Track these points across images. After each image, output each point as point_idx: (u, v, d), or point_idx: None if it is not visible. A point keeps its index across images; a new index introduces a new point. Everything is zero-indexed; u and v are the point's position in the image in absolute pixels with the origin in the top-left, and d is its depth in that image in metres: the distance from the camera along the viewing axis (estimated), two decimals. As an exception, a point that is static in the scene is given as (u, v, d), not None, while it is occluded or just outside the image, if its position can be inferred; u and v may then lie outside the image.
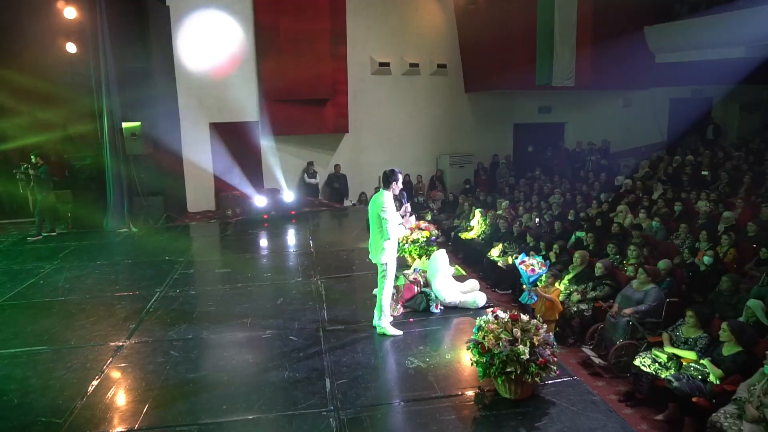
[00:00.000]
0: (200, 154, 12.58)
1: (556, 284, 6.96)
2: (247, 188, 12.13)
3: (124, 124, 10.56)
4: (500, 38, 13.84)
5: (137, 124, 10.56)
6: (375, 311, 5.46)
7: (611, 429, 3.72)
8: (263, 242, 9.91)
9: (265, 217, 11.37)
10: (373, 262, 5.36)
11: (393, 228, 5.12)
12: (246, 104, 12.88)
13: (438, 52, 14.56)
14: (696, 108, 16.49)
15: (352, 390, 4.33)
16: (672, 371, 5.21)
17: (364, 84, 13.88)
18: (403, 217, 5.43)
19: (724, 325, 5.10)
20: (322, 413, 4.02)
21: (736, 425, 4.31)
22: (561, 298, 6.96)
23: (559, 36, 13.30)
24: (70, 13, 10.43)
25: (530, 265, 6.58)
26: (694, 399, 4.85)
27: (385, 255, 5.17)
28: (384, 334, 5.33)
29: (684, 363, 5.26)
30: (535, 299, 6.59)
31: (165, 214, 11.23)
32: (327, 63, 12.89)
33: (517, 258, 6.96)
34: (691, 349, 5.34)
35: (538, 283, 6.78)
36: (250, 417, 4.00)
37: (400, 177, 5.21)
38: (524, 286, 6.80)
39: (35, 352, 5.22)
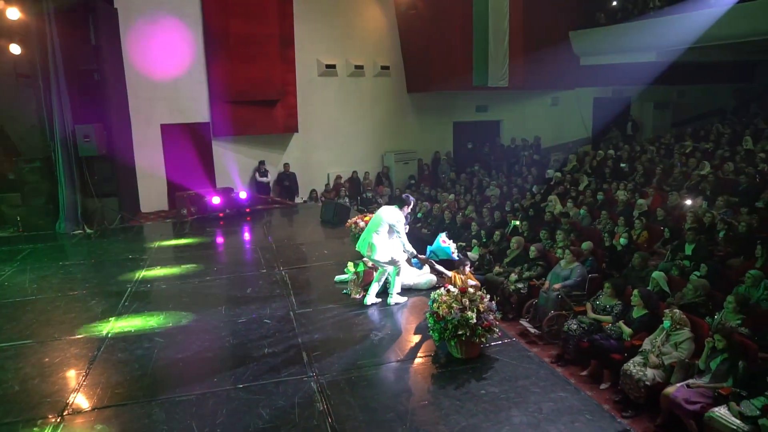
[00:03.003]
0: (152, 154, 12.72)
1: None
2: (200, 187, 12.41)
3: (76, 126, 10.66)
4: (440, 42, 14.79)
5: (90, 126, 10.68)
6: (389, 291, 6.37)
7: (543, 375, 4.59)
8: (222, 239, 10.31)
9: (221, 215, 11.75)
10: (372, 257, 6.23)
11: (405, 239, 6.22)
12: (197, 105, 13.13)
13: (381, 55, 15.31)
14: (616, 106, 18.08)
15: (327, 360, 5.00)
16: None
17: (312, 85, 14.43)
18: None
19: (635, 292, 6.11)
20: (303, 379, 4.66)
21: (642, 371, 5.28)
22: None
23: (493, 41, 14.36)
24: (13, 14, 10.38)
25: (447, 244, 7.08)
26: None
27: (381, 254, 6.10)
28: (397, 303, 6.30)
29: (603, 326, 6.25)
30: (420, 265, 6.94)
31: (120, 215, 11.38)
32: (276, 65, 13.34)
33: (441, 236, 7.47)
34: (608, 314, 6.34)
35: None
36: (241, 386, 4.58)
37: (412, 202, 6.39)
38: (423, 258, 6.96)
39: (22, 346, 5.52)
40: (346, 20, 14.67)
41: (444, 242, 6.94)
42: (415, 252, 6.41)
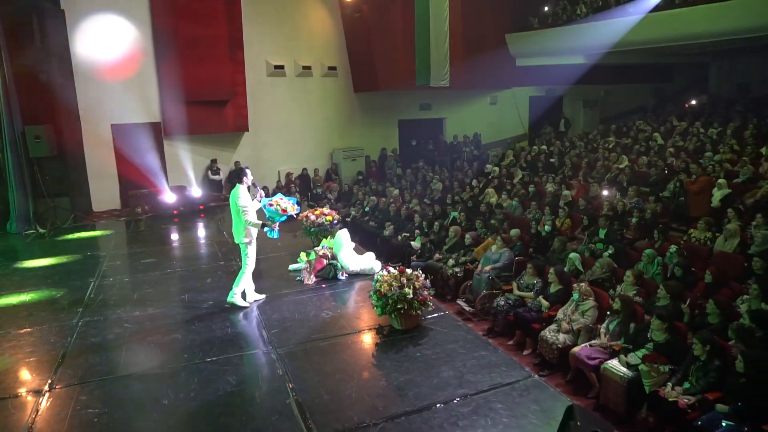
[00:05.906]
0: (103, 154, 12.87)
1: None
2: (153, 186, 12.69)
3: (27, 127, 10.79)
4: (384, 44, 15.55)
5: (41, 126, 10.83)
6: (233, 286, 6.48)
7: (469, 339, 5.44)
8: (178, 235, 10.71)
9: (175, 212, 12.11)
10: (236, 242, 6.50)
11: (249, 215, 6.21)
12: (147, 106, 13.34)
13: (328, 56, 15.93)
14: (550, 104, 19.44)
15: (284, 335, 5.66)
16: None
17: (261, 85, 14.88)
18: (261, 199, 6.52)
19: (551, 270, 7.07)
20: (264, 351, 5.32)
21: (555, 336, 6.21)
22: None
23: (434, 43, 15.19)
24: (-44, 15, 10.39)
25: (281, 207, 6.53)
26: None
27: (245, 237, 6.36)
28: (233, 305, 6.43)
29: (526, 301, 7.18)
30: (278, 235, 6.51)
31: (72, 215, 11.56)
32: (225, 66, 13.73)
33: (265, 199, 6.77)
34: (530, 291, 7.27)
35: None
36: (208, 360, 5.17)
37: (248, 172, 6.38)
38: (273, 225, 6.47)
39: (-5, 337, 5.91)
40: (293, 22, 15.19)
41: (271, 205, 6.55)
42: (259, 222, 6.25)
